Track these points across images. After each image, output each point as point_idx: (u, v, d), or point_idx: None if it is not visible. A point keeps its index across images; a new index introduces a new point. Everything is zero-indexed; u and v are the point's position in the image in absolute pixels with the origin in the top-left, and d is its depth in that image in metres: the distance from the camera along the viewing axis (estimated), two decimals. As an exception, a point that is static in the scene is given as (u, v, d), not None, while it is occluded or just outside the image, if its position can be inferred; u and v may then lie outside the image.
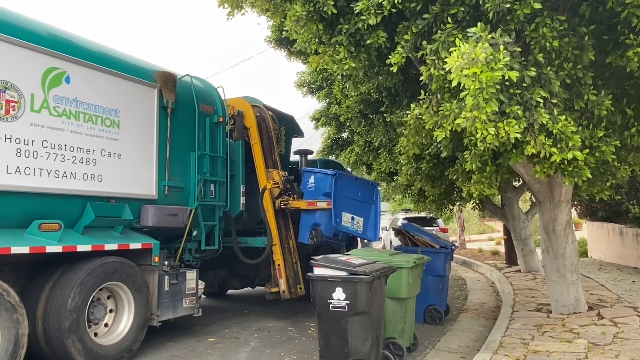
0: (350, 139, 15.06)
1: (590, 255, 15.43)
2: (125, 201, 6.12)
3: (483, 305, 9.18)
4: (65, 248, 5.31)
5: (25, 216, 5.20)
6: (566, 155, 4.72)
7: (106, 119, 6.00)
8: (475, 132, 4.65)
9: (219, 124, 7.56)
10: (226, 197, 7.65)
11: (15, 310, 4.78)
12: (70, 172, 5.55)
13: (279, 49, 12.32)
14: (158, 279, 6.33)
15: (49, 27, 5.81)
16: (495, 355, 5.13)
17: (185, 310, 6.75)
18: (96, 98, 5.91)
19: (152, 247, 6.23)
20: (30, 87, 5.26)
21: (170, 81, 6.85)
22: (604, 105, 5.17)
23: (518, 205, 12.32)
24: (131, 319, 5.93)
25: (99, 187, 5.85)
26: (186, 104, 7.10)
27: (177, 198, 6.84)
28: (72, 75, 5.66)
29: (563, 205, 6.91)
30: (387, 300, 5.53)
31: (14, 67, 5.12)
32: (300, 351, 6.23)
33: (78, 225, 5.68)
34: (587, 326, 6.16)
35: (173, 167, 6.77)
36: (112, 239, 5.92)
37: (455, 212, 22.21)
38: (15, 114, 5.10)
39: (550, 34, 4.82)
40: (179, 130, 6.92)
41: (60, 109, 5.52)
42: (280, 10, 6.60)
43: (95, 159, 5.83)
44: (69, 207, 5.59)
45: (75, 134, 5.65)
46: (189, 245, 7.21)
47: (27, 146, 5.18)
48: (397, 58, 5.50)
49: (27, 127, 5.19)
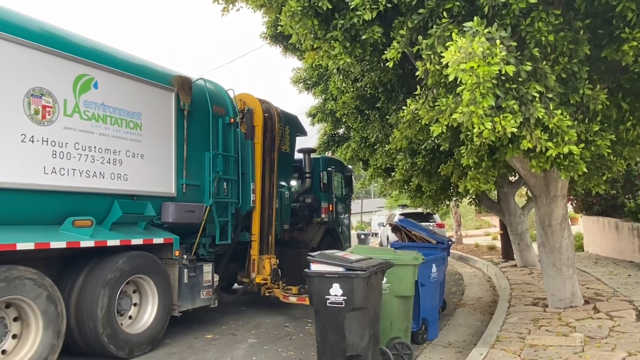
0: (347, 135, 15.03)
1: (586, 250, 15.49)
2: (147, 199, 6.51)
3: (480, 300, 9.21)
4: (97, 243, 5.73)
5: (60, 213, 5.58)
6: (562, 150, 4.71)
7: (130, 122, 6.39)
8: (471, 127, 4.64)
9: (230, 125, 7.97)
10: (238, 194, 8.05)
11: (58, 304, 5.22)
12: (99, 172, 5.98)
13: (274, 45, 12.28)
14: (178, 272, 6.71)
15: (78, 36, 6.22)
16: (492, 349, 5.14)
17: (203, 302, 7.11)
18: (121, 102, 6.30)
19: (172, 241, 6.65)
20: (63, 93, 5.64)
21: (187, 85, 7.22)
22: (600, 99, 5.16)
23: (514, 200, 12.34)
24: (155, 309, 6.33)
25: (124, 185, 6.25)
26: (201, 106, 7.49)
27: (194, 195, 7.24)
28: (100, 81, 6.07)
29: (559, 199, 6.92)
30: (392, 298, 5.54)
31: (48, 74, 5.49)
32: (297, 347, 6.23)
33: (106, 222, 6.06)
34: (584, 320, 6.18)
35: (190, 166, 7.17)
36: (137, 234, 6.32)
37: (452, 207, 22.22)
38: (50, 118, 5.50)
39: (546, 28, 4.81)
40: (195, 131, 7.31)
41: (89, 113, 5.92)
42: (275, 5, 6.56)
43: (121, 159, 6.24)
44: (99, 204, 5.99)
45: (103, 136, 6.06)
46: (203, 240, 7.54)
47: (62, 148, 5.58)
48: (393, 53, 5.47)
49: (61, 131, 5.58)
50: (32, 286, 4.99)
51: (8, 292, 4.80)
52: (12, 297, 4.88)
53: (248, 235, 8.29)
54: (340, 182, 12.09)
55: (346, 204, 12.50)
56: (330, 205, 11.18)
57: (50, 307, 5.12)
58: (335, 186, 11.66)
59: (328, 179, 11.39)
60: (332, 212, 11.23)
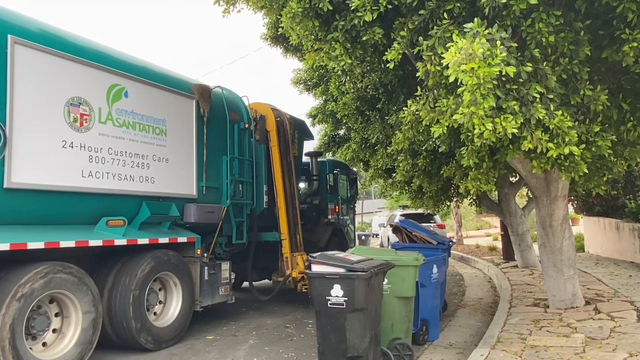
0: (347, 136, 15.03)
1: (587, 250, 15.49)
2: (171, 200, 6.95)
3: (480, 300, 9.20)
4: (129, 241, 6.15)
5: (95, 214, 6.01)
6: (563, 151, 4.72)
7: (156, 128, 6.86)
8: (472, 127, 4.64)
9: (245, 130, 8.49)
10: (252, 196, 8.53)
11: (96, 300, 5.61)
12: (129, 175, 6.41)
13: (275, 46, 12.29)
14: (199, 269, 7.11)
15: (109, 48, 6.69)
16: (493, 350, 5.14)
17: (221, 298, 7.52)
18: (148, 110, 6.76)
19: (195, 240, 7.06)
20: (98, 102, 6.10)
21: (206, 93, 7.69)
22: (600, 100, 5.17)
23: (515, 201, 12.34)
24: (180, 304, 6.75)
25: (151, 188, 6.70)
26: (218, 113, 7.99)
27: (213, 197, 7.71)
28: (130, 90, 6.52)
29: (560, 200, 6.92)
30: (393, 300, 5.54)
31: (85, 85, 5.96)
32: (298, 348, 6.23)
33: (135, 222, 6.45)
34: (585, 321, 6.18)
35: (209, 169, 7.65)
36: (163, 233, 6.75)
37: (453, 208, 22.21)
38: (87, 125, 5.95)
39: (546, 29, 4.81)
40: (213, 137, 7.80)
41: (121, 120, 6.37)
42: (276, 7, 6.57)
43: (148, 163, 6.69)
44: (129, 205, 6.41)
45: (133, 141, 6.51)
46: (220, 239, 7.93)
47: (97, 153, 6.03)
48: (394, 54, 5.48)
49: (96, 137, 6.03)
50: (75, 282, 5.38)
51: (53, 286, 5.16)
52: (57, 291, 5.24)
53: (277, 235, 8.65)
54: (345, 184, 12.46)
55: (351, 205, 12.81)
56: (336, 207, 11.54)
57: (90, 304, 5.50)
58: (341, 188, 12.04)
59: (334, 181, 11.76)
60: (338, 213, 11.58)
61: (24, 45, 5.36)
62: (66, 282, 5.29)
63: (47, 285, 5.08)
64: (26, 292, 4.88)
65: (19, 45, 5.31)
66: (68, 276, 5.31)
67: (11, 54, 5.22)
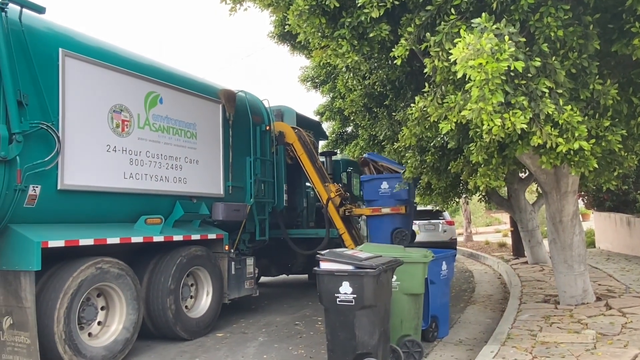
0: (355, 133, 15.03)
1: (598, 246, 15.37)
2: (201, 199, 7.38)
3: (490, 297, 9.17)
4: (166, 238, 6.57)
5: (134, 213, 6.41)
6: (572, 146, 4.68)
7: (187, 132, 7.30)
8: (481, 123, 4.61)
9: (266, 132, 8.98)
10: (273, 195, 9.09)
11: (139, 294, 6.02)
12: (165, 176, 6.84)
13: (282, 43, 12.30)
14: (227, 264, 7.57)
15: (145, 57, 7.14)
16: (503, 346, 5.12)
17: (247, 291, 7.96)
18: (180, 114, 7.20)
19: (223, 237, 7.52)
20: (136, 108, 6.51)
21: (231, 97, 8.16)
22: (610, 94, 5.12)
23: (524, 197, 12.25)
24: (210, 297, 7.19)
25: (184, 188, 7.14)
26: (242, 116, 8.46)
27: (238, 196, 8.19)
28: (164, 96, 6.96)
29: (570, 195, 6.87)
30: (402, 296, 5.53)
31: (126, 93, 6.37)
32: (307, 345, 6.25)
33: (169, 220, 6.87)
34: (595, 317, 6.14)
35: (234, 170, 8.12)
36: (194, 231, 7.18)
37: (462, 204, 22.12)
38: (128, 130, 6.36)
39: (555, 24, 4.77)
40: (238, 139, 8.29)
41: (157, 125, 6.80)
42: (282, 4, 6.57)
43: (181, 165, 7.12)
44: (164, 204, 6.85)
45: (167, 145, 6.94)
46: (243, 236, 8.37)
47: (136, 156, 6.45)
48: (401, 51, 5.46)
49: (136, 141, 6.45)
50: (122, 275, 5.81)
51: (101, 280, 5.58)
52: (105, 284, 5.66)
53: (336, 232, 9.18)
54: (358, 182, 12.48)
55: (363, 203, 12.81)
56: None
57: (133, 298, 5.91)
58: (354, 186, 12.20)
59: (348, 180, 12.01)
60: None
61: (72, 57, 5.73)
62: (113, 276, 5.71)
63: (96, 278, 5.52)
64: (79, 282, 5.32)
65: (68, 57, 5.68)
66: (115, 270, 5.73)
67: (62, 66, 5.58)
